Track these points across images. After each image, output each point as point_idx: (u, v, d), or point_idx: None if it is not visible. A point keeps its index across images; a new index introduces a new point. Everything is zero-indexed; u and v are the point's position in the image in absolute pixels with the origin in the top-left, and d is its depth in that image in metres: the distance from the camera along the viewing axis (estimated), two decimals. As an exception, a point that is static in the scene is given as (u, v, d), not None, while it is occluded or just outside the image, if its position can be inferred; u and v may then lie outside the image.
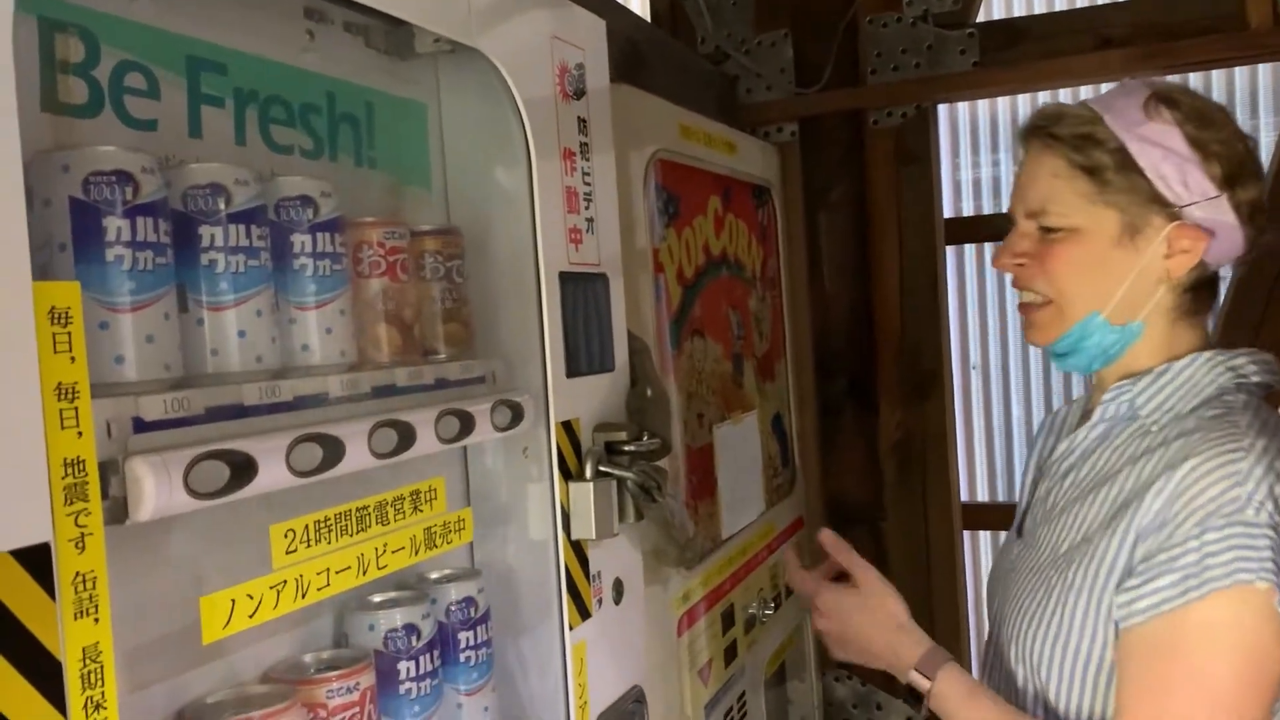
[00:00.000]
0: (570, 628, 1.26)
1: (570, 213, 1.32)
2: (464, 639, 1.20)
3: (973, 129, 3.85)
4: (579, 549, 1.29)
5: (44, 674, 0.66)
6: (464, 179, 1.31)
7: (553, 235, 1.27)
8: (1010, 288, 1.32)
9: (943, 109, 2.58)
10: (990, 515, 3.07)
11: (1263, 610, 1.05)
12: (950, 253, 2.62)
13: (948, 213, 2.58)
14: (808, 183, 2.52)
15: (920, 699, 1.27)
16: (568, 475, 1.27)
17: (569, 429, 1.28)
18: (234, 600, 0.88)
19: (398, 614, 1.12)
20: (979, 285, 3.89)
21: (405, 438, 1.02)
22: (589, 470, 1.29)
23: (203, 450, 0.81)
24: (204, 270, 0.89)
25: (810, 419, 2.52)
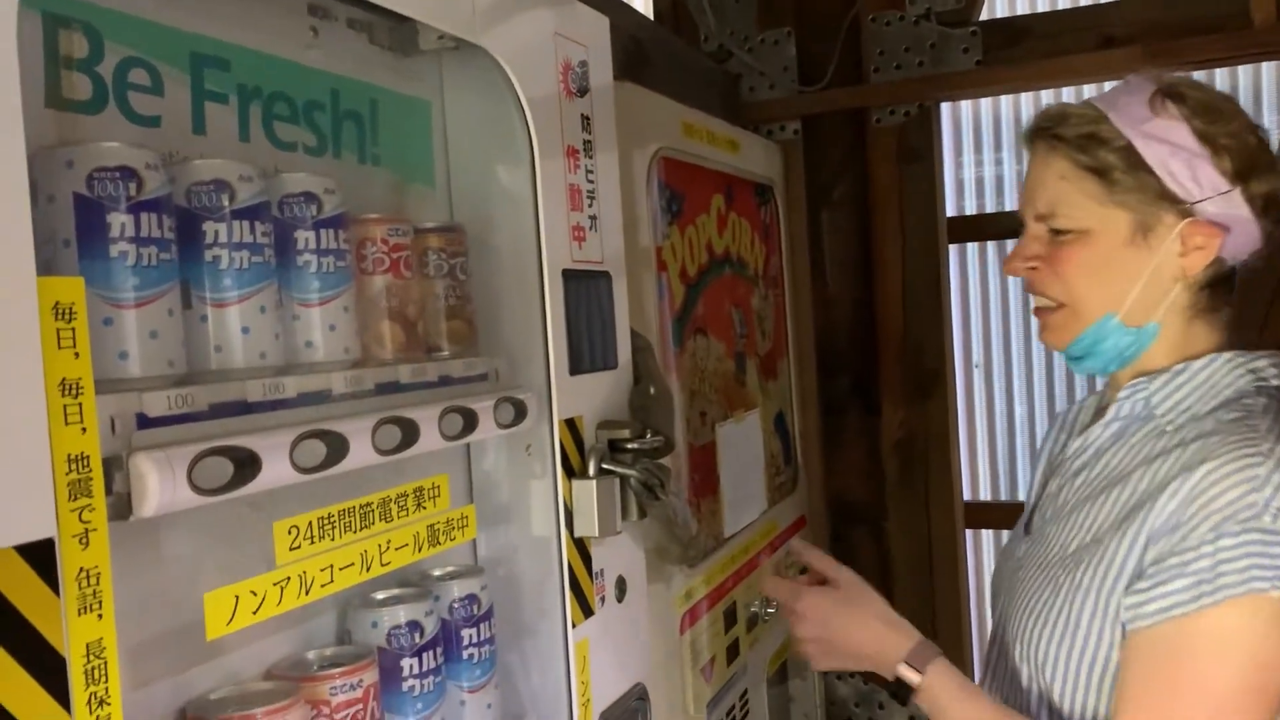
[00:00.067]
0: (573, 625, 1.26)
1: (573, 210, 1.31)
2: (467, 636, 1.20)
3: (975, 127, 3.84)
4: (582, 546, 1.29)
5: (48, 669, 0.66)
6: (467, 176, 1.31)
7: (556, 233, 1.27)
8: (1012, 287, 1.31)
9: (945, 107, 2.58)
10: (993, 514, 3.06)
11: (1275, 619, 1.04)
12: (953, 251, 2.63)
13: (950, 211, 2.58)
14: (810, 181, 2.52)
15: (908, 693, 1.23)
16: (570, 473, 1.27)
17: (572, 426, 1.28)
18: (237, 597, 0.88)
19: (401, 611, 1.12)
20: (982, 284, 3.88)
21: (408, 435, 1.03)
22: (592, 468, 1.29)
23: (206, 446, 0.81)
24: (208, 266, 0.89)
25: (812, 417, 2.51)
